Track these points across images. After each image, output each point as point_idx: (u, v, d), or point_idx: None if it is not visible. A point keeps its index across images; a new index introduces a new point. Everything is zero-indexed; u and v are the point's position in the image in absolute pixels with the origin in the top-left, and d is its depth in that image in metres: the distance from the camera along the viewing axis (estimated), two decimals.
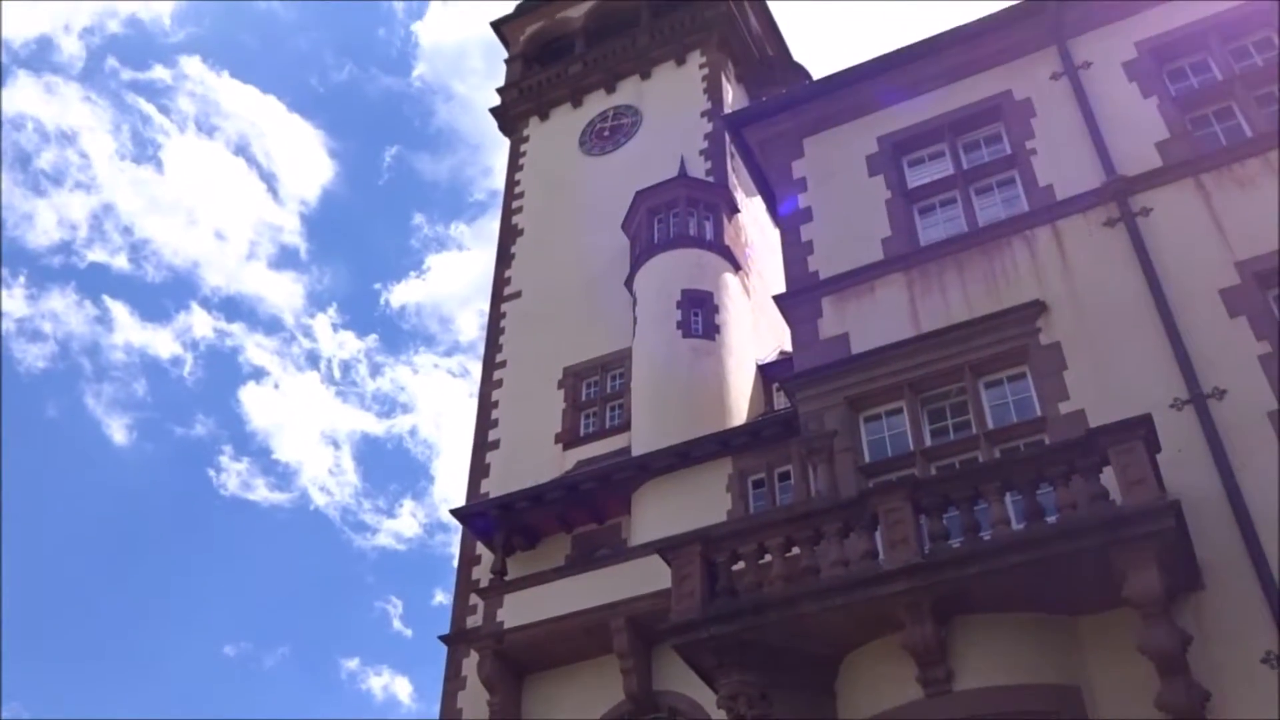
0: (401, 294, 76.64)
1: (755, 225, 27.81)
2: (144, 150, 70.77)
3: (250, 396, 67.87)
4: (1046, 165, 13.44)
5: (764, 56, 34.05)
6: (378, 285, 77.27)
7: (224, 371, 69.21)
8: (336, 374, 71.21)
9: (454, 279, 74.80)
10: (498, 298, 28.34)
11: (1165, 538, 9.25)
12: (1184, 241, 11.90)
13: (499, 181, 32.51)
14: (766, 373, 23.39)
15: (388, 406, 71.65)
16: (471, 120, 78.50)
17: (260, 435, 68.76)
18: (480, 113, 77.79)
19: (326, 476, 67.59)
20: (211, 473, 65.15)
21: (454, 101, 78.67)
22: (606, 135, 30.69)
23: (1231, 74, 13.26)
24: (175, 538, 63.19)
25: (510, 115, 33.01)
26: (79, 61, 70.07)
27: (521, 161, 31.71)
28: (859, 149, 14.95)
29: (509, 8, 40.61)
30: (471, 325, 74.46)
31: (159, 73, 72.03)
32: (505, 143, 32.95)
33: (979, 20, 15.12)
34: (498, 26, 36.29)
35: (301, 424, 69.23)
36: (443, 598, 58.88)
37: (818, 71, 39.86)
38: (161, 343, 67.82)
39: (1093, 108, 13.49)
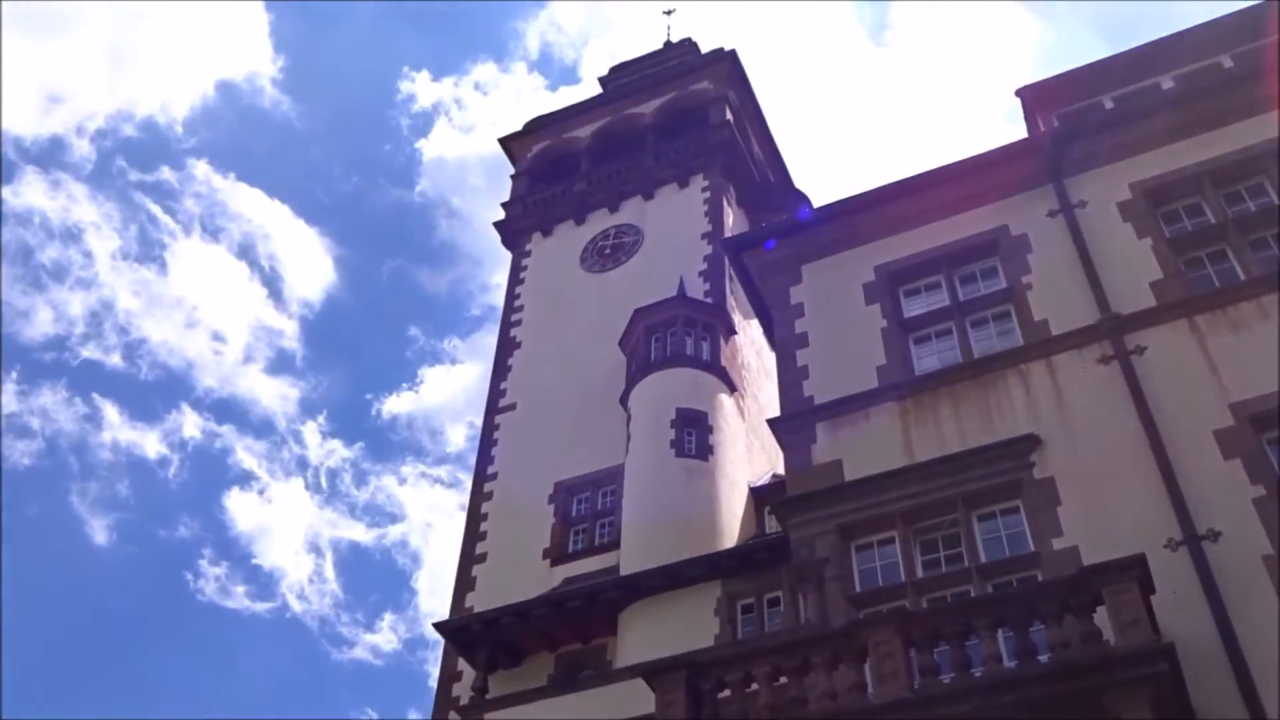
0: (393, 405, 76.85)
1: (752, 348, 27.99)
2: (149, 250, 71.64)
3: (235, 501, 67.39)
4: (1042, 300, 13.58)
5: (765, 182, 34.72)
6: (370, 395, 77.50)
7: (210, 474, 68.84)
8: (323, 481, 70.90)
9: (446, 392, 75.06)
10: (492, 409, 28.32)
11: (1160, 681, 9.09)
12: (1179, 381, 11.94)
13: (495, 297, 33.01)
14: (759, 496, 23.23)
15: (373, 516, 71.12)
16: (471, 236, 79.97)
17: (243, 540, 68.09)
18: (480, 228, 79.46)
19: (307, 585, 66.69)
20: (190, 577, 64.25)
21: (455, 217, 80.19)
22: (608, 253, 31.10)
23: (1225, 218, 13.49)
24: (150, 642, 61.97)
25: (514, 230, 33.51)
26: (89, 162, 71.50)
27: (523, 275, 32.07)
28: (856, 277, 15.11)
29: (515, 125, 41.57)
30: (461, 437, 74.37)
31: (166, 174, 73.46)
32: (505, 258, 33.43)
33: (978, 156, 15.45)
34: (505, 143, 37.07)
35: (285, 530, 68.62)
36: (417, 716, 57.68)
37: (818, 198, 40.83)
38: (149, 442, 67.58)
39: (1088, 246, 13.68)
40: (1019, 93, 17.74)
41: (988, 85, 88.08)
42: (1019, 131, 16.00)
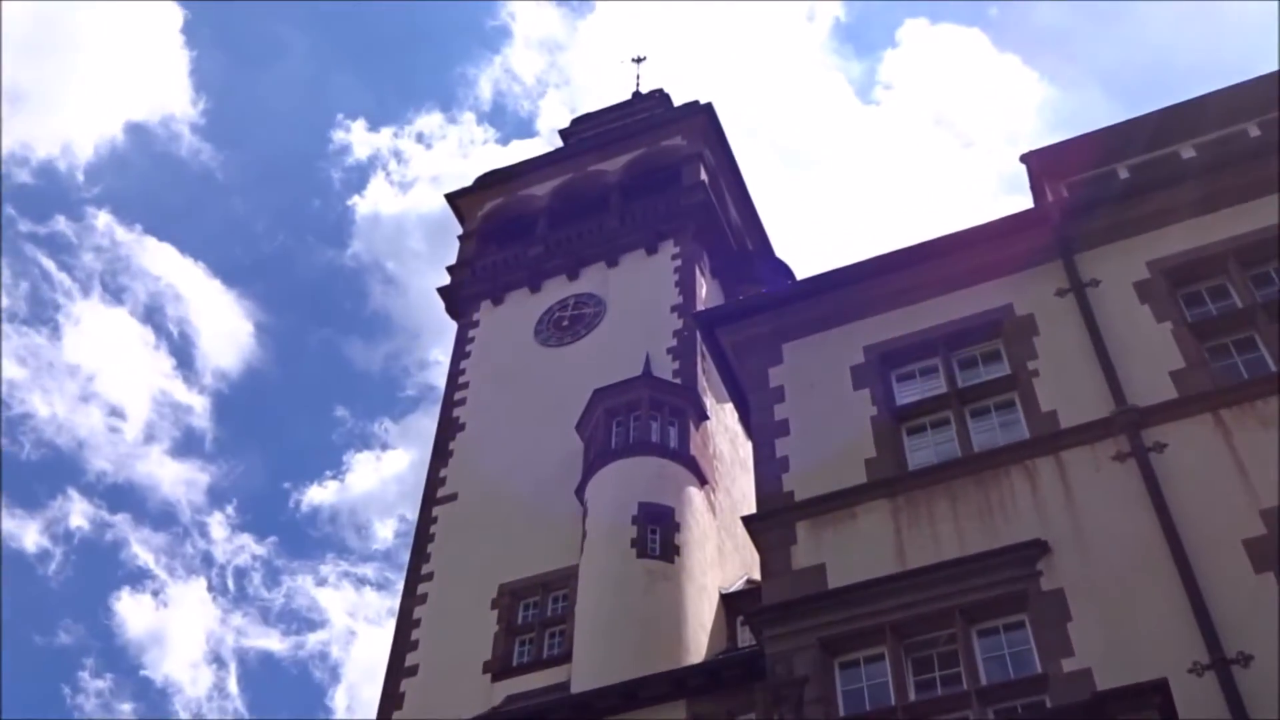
0: (314, 495, 76.21)
1: (725, 435, 28.01)
2: (39, 311, 71.20)
3: (126, 603, 66.06)
4: (1050, 389, 13.61)
5: (743, 250, 35.13)
6: (288, 484, 76.91)
7: (99, 571, 67.59)
8: (230, 582, 69.69)
9: (375, 480, 74.70)
10: (429, 500, 28.09)
11: None
12: (1203, 483, 11.91)
13: (434, 375, 33.26)
14: (731, 604, 23.02)
15: (287, 622, 70.12)
16: (409, 305, 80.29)
17: (133, 649, 66.72)
18: (418, 297, 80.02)
19: (205, 702, 65.12)
20: (68, 691, 62.57)
21: (391, 284, 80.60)
22: (565, 325, 31.18)
23: (1253, 302, 13.58)
24: None
25: (460, 296, 33.62)
26: None
27: (469, 348, 32.12)
28: (844, 359, 15.12)
29: (462, 181, 41.97)
30: (391, 532, 73.87)
31: (62, 225, 73.26)
32: (446, 331, 33.66)
33: (979, 227, 15.61)
34: (453, 200, 37.33)
35: (183, 638, 67.34)
36: None
37: (802, 270, 41.24)
38: (28, 534, 66.34)
39: (1101, 330, 13.74)
40: (1024, 158, 18.00)
41: (988, 149, 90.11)
42: (1024, 201, 16.24)
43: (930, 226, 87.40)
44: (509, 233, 35.99)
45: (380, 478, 75.66)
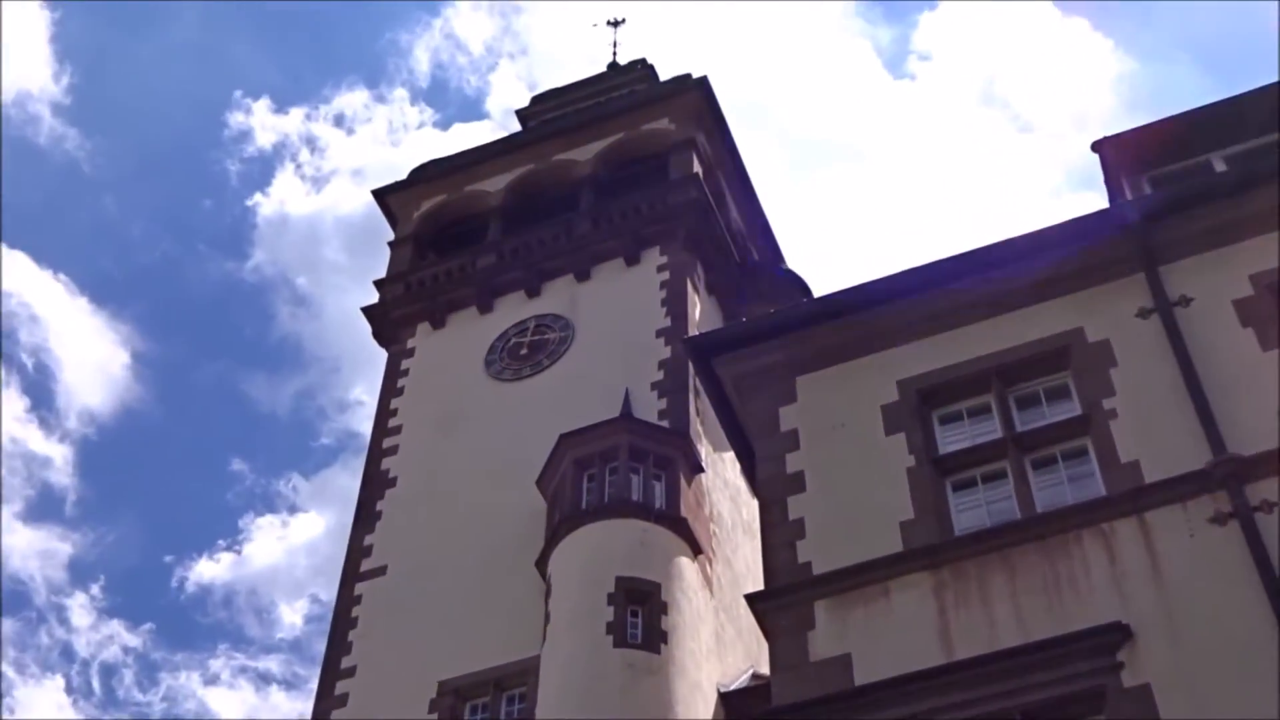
0: (204, 570, 75.88)
1: (724, 492, 28.04)
2: None
3: None
4: (1131, 435, 13.65)
5: (747, 261, 35.27)
6: (170, 556, 76.61)
7: None
8: (94, 680, 69.08)
9: (280, 552, 74.55)
10: (351, 574, 28.02)
11: None
12: None
13: (358, 419, 33.49)
14: (732, 704, 22.95)
15: None
16: (325, 330, 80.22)
17: None
18: (338, 320, 79.61)
19: None
20: None
21: (303, 304, 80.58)
22: (524, 354, 31.24)
23: None
24: None
25: (391, 318, 33.70)
26: None
27: (402, 383, 32.14)
28: (873, 396, 15.19)
29: (395, 173, 42.06)
30: (301, 617, 73.62)
31: None
32: (375, 361, 33.77)
33: (1041, 232, 15.72)
34: (383, 199, 37.40)
35: None
36: None
37: (821, 285, 41.06)
38: None
39: (1194, 360, 13.80)
40: (1097, 146, 18.09)
41: (1052, 134, 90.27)
42: (1096, 199, 16.28)
43: (980, 231, 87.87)
44: (453, 238, 36.01)
45: (287, 548, 75.57)
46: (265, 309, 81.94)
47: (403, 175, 38.23)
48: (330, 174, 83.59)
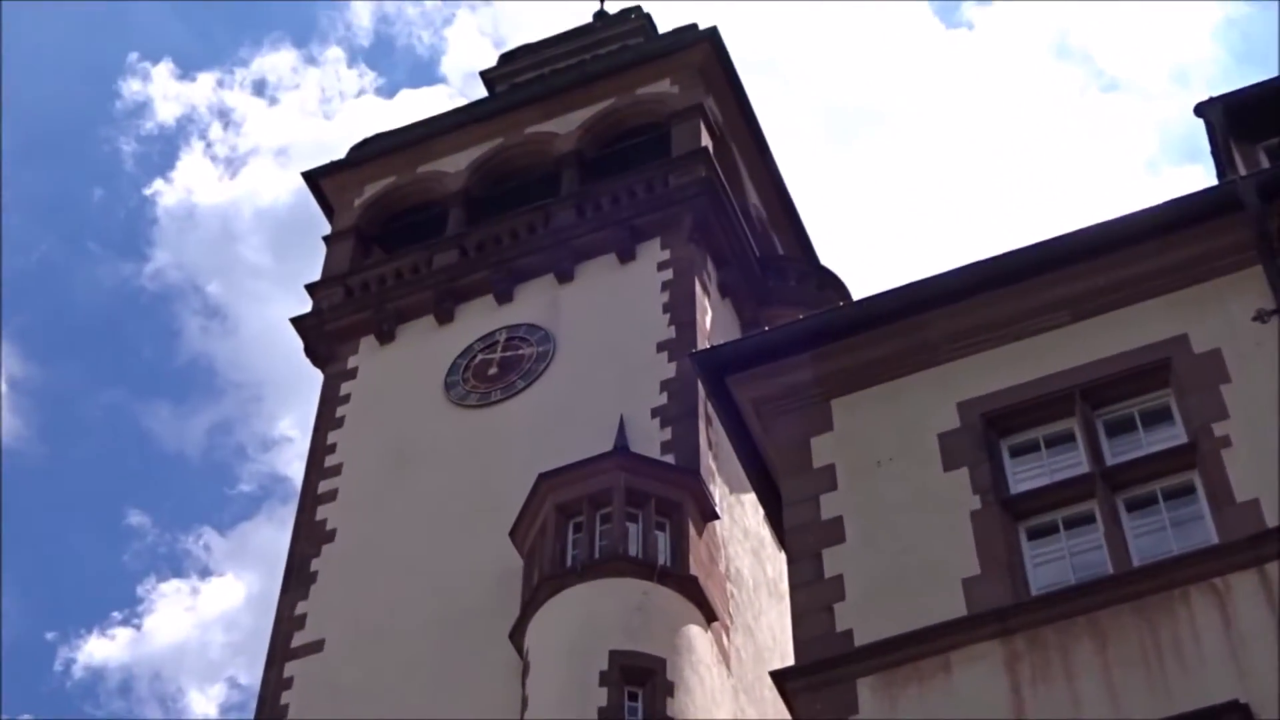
0: (94, 650, 75.59)
1: (744, 543, 28.05)
2: None
3: None
4: (1248, 467, 13.58)
5: (768, 255, 35.28)
6: (52, 633, 76.17)
7: None
8: None
9: (188, 626, 74.36)
10: (280, 652, 28.00)
11: None
12: None
13: (287, 458, 32.94)
14: None
15: None
16: (243, 347, 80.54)
17: None
18: (261, 334, 79.40)
19: None
20: None
21: (217, 315, 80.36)
22: (493, 374, 31.30)
23: None
24: None
25: (327, 331, 33.74)
26: None
27: (342, 412, 32.16)
28: (928, 422, 15.18)
29: (332, 152, 41.97)
30: (215, 706, 73.17)
31: None
32: (307, 384, 33.82)
33: (1132, 216, 15.67)
34: (315, 182, 37.40)
35: None
36: None
37: (861, 285, 40.74)
38: None
39: None
40: (1201, 109, 18.13)
41: (1143, 94, 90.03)
42: (1200, 175, 16.23)
43: (1056, 216, 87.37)
44: (404, 231, 36.10)
45: (199, 621, 75.63)
46: (169, 323, 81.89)
47: (340, 154, 38.39)
48: (248, 154, 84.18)
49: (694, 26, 37.43)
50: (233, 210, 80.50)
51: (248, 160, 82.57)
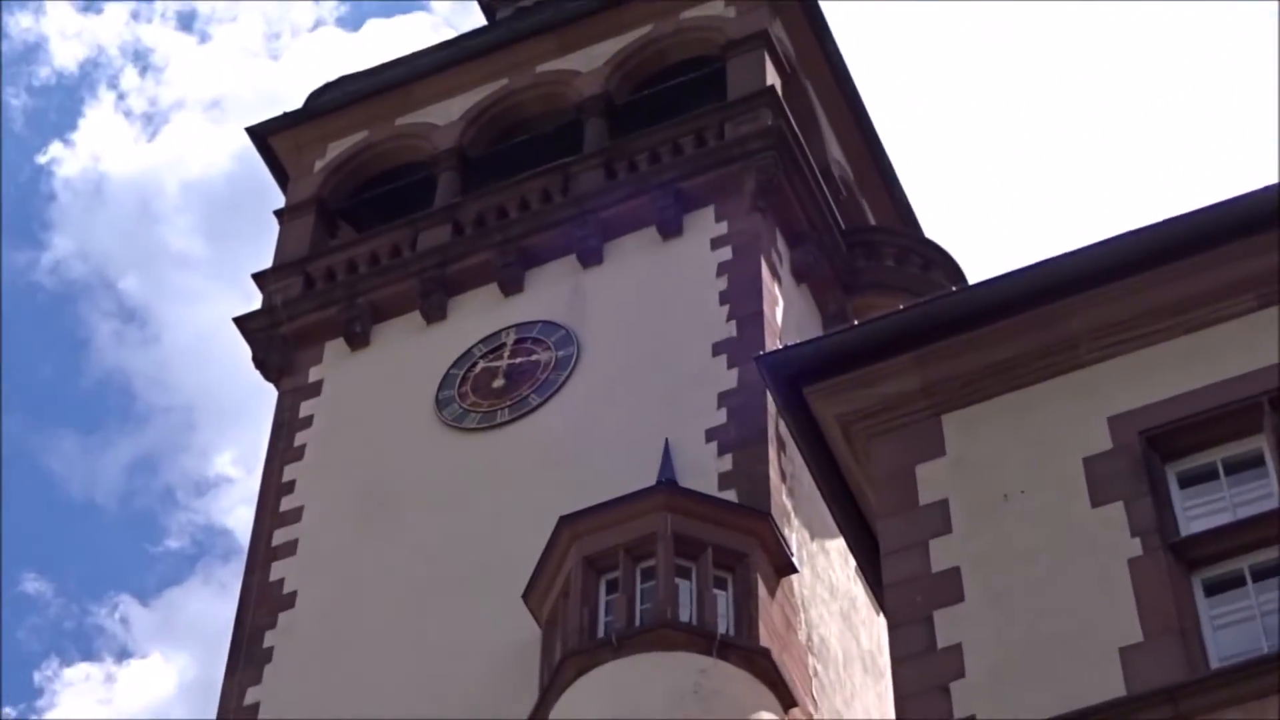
0: None
1: (830, 604, 28.01)
2: None
3: None
4: None
5: (858, 229, 35.20)
6: None
7: None
8: None
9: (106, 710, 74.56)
10: None
11: None
12: None
13: (227, 504, 32.80)
14: None
15: None
16: (170, 357, 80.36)
17: None
18: (195, 340, 79.62)
19: None
20: None
21: (136, 320, 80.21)
22: (499, 387, 31.31)
23: None
24: None
25: (282, 334, 33.74)
26: None
27: (301, 440, 32.27)
28: (1069, 443, 15.17)
29: (286, 100, 42.02)
30: None
31: None
32: (256, 403, 33.84)
33: None
34: (264, 140, 37.44)
35: None
36: None
37: (977, 265, 40.31)
38: None
39: None
40: None
41: None
42: None
43: (1235, 170, 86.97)
44: (380, 203, 36.17)
45: (116, 715, 75.56)
46: (73, 330, 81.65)
47: (293, 104, 38.52)
48: (173, 108, 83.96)
49: None
50: (153, 181, 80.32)
51: (171, 116, 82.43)
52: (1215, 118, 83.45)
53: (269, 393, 33.80)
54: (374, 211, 35.97)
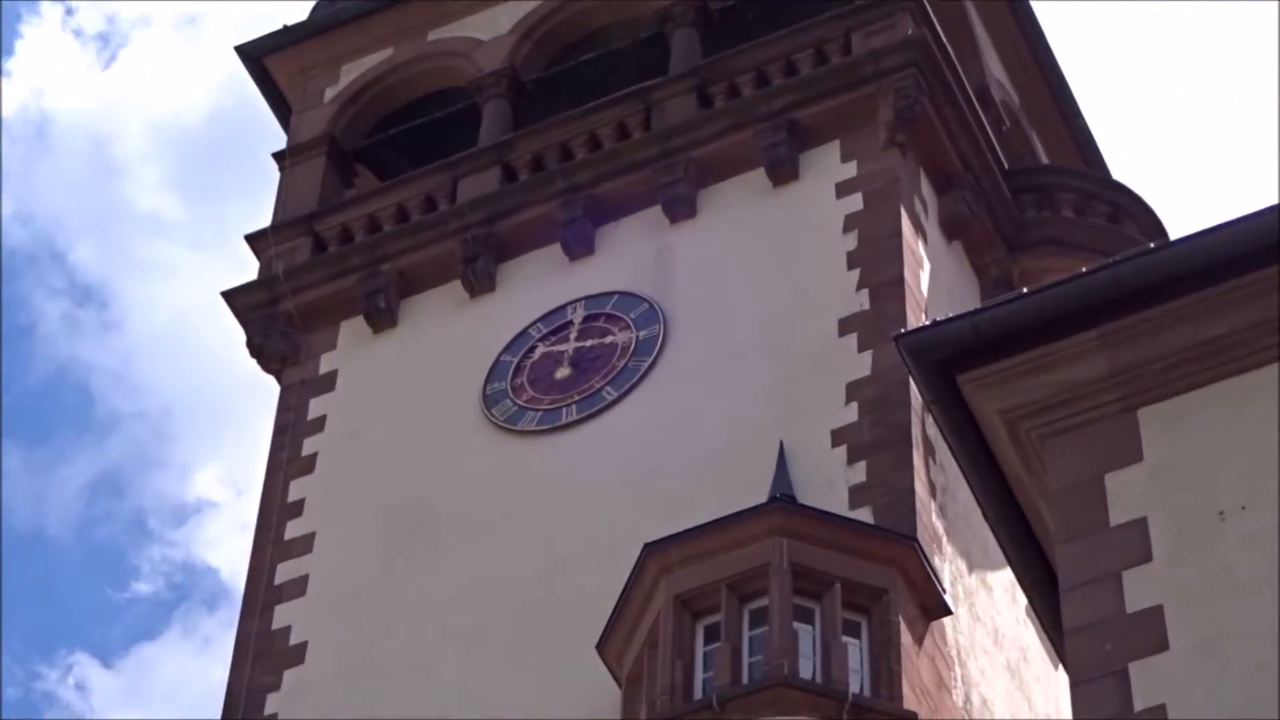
0: None
1: (992, 653, 28.11)
2: None
3: None
4: None
5: (1026, 170, 35.15)
6: None
7: None
8: None
9: None
10: None
11: None
12: None
13: (213, 536, 32.66)
14: None
15: None
16: (135, 349, 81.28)
17: None
18: (166, 326, 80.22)
19: None
20: None
21: (96, 299, 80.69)
22: (564, 378, 31.36)
23: None
24: None
25: (283, 312, 33.85)
26: None
27: (311, 447, 32.31)
28: None
29: (277, 16, 42.08)
30: None
31: None
32: (255, 400, 33.83)
33: None
34: (257, 62, 37.62)
35: None
36: None
37: (1179, 218, 39.78)
38: None
39: None
40: None
41: None
42: None
43: None
44: (409, 142, 36.23)
45: None
46: (15, 315, 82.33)
47: (297, 15, 38.69)
48: (135, 25, 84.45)
49: None
50: (112, 120, 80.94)
51: (132, 36, 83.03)
52: None
53: (268, 388, 34.01)
54: (401, 153, 36.07)
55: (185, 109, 75.64)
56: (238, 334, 34.31)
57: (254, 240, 35.11)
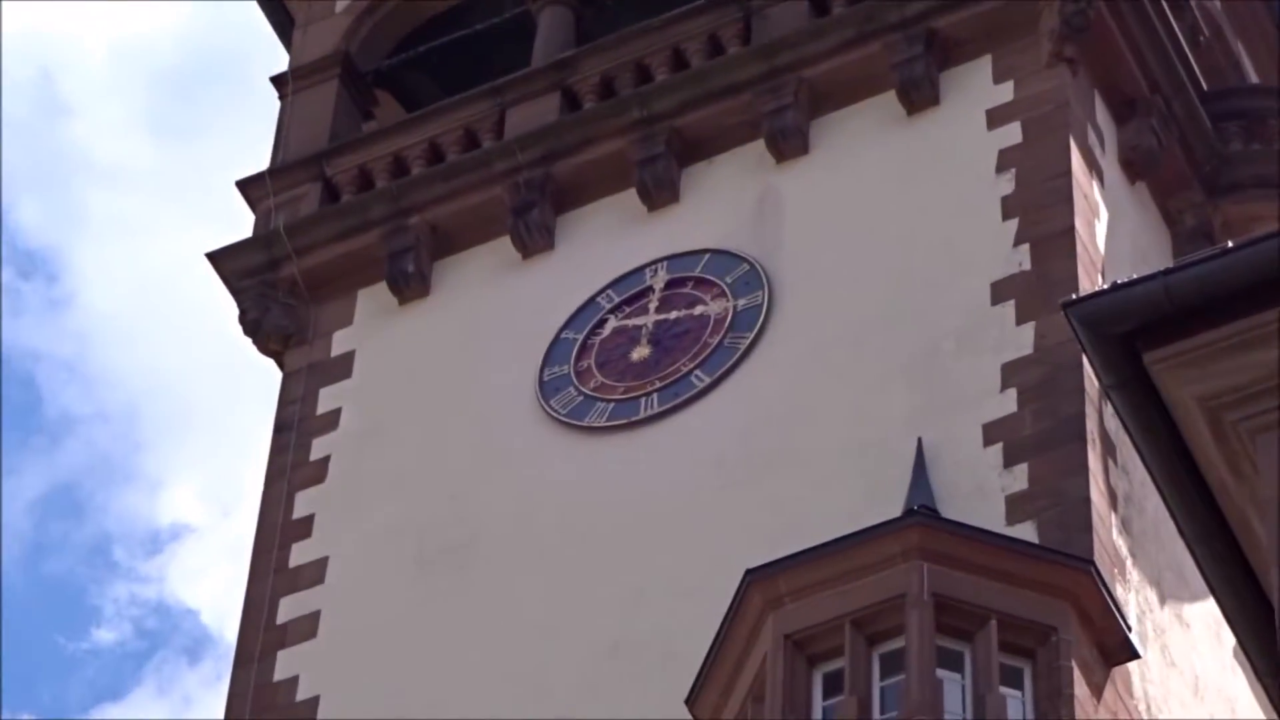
0: None
1: (1191, 705, 28.20)
2: None
3: None
4: None
5: (1229, 92, 35.26)
6: None
7: None
8: None
9: None
10: None
11: None
12: None
13: (191, 568, 32.84)
14: None
15: None
16: (93, 334, 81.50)
17: None
18: (135, 301, 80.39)
19: None
20: None
21: (43, 274, 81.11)
22: (641, 359, 31.47)
23: None
24: None
25: (284, 278, 34.06)
26: None
27: (322, 449, 32.54)
28: None
29: None
30: None
31: None
32: (250, 387, 34.16)
33: None
34: None
35: None
36: None
37: None
38: None
39: None
40: None
41: None
42: None
43: None
44: (443, 62, 36.45)
45: None
46: None
47: None
48: None
49: None
50: (62, 44, 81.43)
51: None
52: None
53: (266, 375, 34.24)
54: (434, 76, 36.28)
55: (154, 27, 76.04)
56: (227, 307, 34.46)
57: (248, 187, 35.22)
